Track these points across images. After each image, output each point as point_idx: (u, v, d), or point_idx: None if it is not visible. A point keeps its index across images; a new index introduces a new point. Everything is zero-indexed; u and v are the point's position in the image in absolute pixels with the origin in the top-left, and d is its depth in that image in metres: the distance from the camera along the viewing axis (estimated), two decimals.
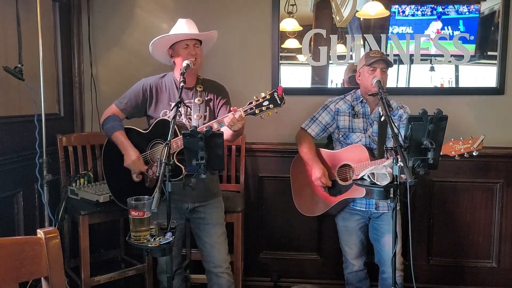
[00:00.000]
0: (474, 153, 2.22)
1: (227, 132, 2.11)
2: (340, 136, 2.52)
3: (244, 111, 2.02)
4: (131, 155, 2.16)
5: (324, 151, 2.56)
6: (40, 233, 1.06)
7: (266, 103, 2.02)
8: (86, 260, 2.49)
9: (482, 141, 2.20)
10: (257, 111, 2.02)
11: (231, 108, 2.06)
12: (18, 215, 2.51)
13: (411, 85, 2.92)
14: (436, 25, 2.84)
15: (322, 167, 2.43)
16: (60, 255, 1.08)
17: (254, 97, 2.04)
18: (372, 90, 2.33)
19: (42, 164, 2.41)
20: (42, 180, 2.43)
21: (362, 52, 2.90)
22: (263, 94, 2.04)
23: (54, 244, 1.07)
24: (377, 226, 2.47)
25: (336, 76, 2.97)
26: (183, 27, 2.26)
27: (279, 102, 2.02)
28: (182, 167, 2.06)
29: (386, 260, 2.38)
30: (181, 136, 1.95)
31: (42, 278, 1.07)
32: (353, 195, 2.39)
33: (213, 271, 2.29)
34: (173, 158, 2.08)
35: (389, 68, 2.42)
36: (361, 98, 2.48)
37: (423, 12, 2.84)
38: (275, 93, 2.02)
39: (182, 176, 2.07)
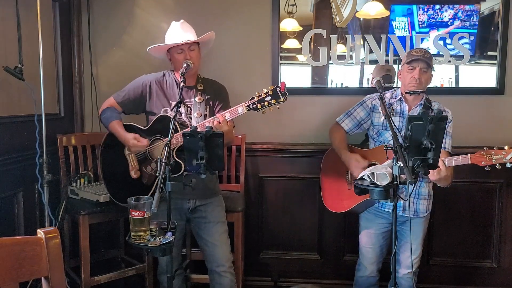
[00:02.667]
0: (508, 165, 2.09)
1: None
2: (374, 133, 2.46)
3: (246, 106, 2.05)
4: (128, 138, 2.15)
5: (356, 149, 2.51)
6: (40, 233, 1.06)
7: (268, 98, 2.04)
8: (86, 260, 2.50)
9: None
10: (259, 106, 2.04)
11: (217, 115, 2.08)
12: (18, 215, 2.51)
13: None
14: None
15: (354, 155, 2.37)
16: (60, 255, 1.08)
17: (256, 93, 2.06)
18: (410, 89, 2.28)
19: (42, 164, 2.42)
20: (42, 180, 2.43)
21: (362, 53, 2.91)
22: (265, 90, 2.06)
23: (54, 244, 1.07)
24: (400, 230, 2.40)
25: (336, 76, 2.97)
26: (177, 31, 2.25)
27: (281, 98, 2.04)
28: (182, 163, 2.06)
29: (403, 261, 2.37)
30: (181, 132, 1.96)
31: (42, 278, 1.07)
32: None
33: (216, 270, 2.29)
34: (172, 154, 2.09)
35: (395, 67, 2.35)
36: (400, 96, 2.38)
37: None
38: (278, 88, 2.04)
39: (181, 171, 2.07)
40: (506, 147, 2.12)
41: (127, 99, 2.29)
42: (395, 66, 2.89)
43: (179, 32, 2.23)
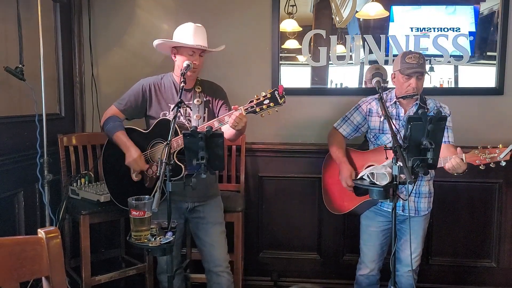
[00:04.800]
0: (502, 164, 2.08)
1: (229, 132, 2.13)
2: (372, 136, 2.48)
3: (245, 110, 2.05)
4: (132, 153, 2.16)
5: (354, 151, 2.52)
6: (41, 232, 1.07)
7: (266, 101, 2.05)
8: (86, 259, 2.50)
9: (511, 151, 2.03)
10: (257, 109, 2.05)
11: (233, 107, 2.07)
12: (19, 215, 2.51)
13: None
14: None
15: (349, 168, 2.37)
16: (61, 255, 1.09)
17: (255, 96, 2.07)
18: (405, 94, 2.29)
19: (43, 164, 2.42)
20: (43, 180, 2.43)
21: (362, 53, 2.91)
22: (263, 93, 2.07)
23: (55, 243, 1.07)
24: (400, 228, 2.42)
25: (336, 77, 2.98)
26: (194, 32, 2.21)
27: (279, 101, 2.05)
28: (183, 166, 2.07)
29: (403, 260, 2.37)
30: (181, 135, 1.96)
31: (43, 278, 1.08)
32: None
33: (213, 270, 2.30)
34: (173, 158, 2.09)
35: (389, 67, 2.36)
36: (394, 100, 2.39)
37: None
38: (276, 91, 2.05)
39: (182, 175, 2.08)
40: (500, 146, 2.11)
41: (129, 106, 2.29)
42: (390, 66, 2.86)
43: (197, 34, 2.21)
